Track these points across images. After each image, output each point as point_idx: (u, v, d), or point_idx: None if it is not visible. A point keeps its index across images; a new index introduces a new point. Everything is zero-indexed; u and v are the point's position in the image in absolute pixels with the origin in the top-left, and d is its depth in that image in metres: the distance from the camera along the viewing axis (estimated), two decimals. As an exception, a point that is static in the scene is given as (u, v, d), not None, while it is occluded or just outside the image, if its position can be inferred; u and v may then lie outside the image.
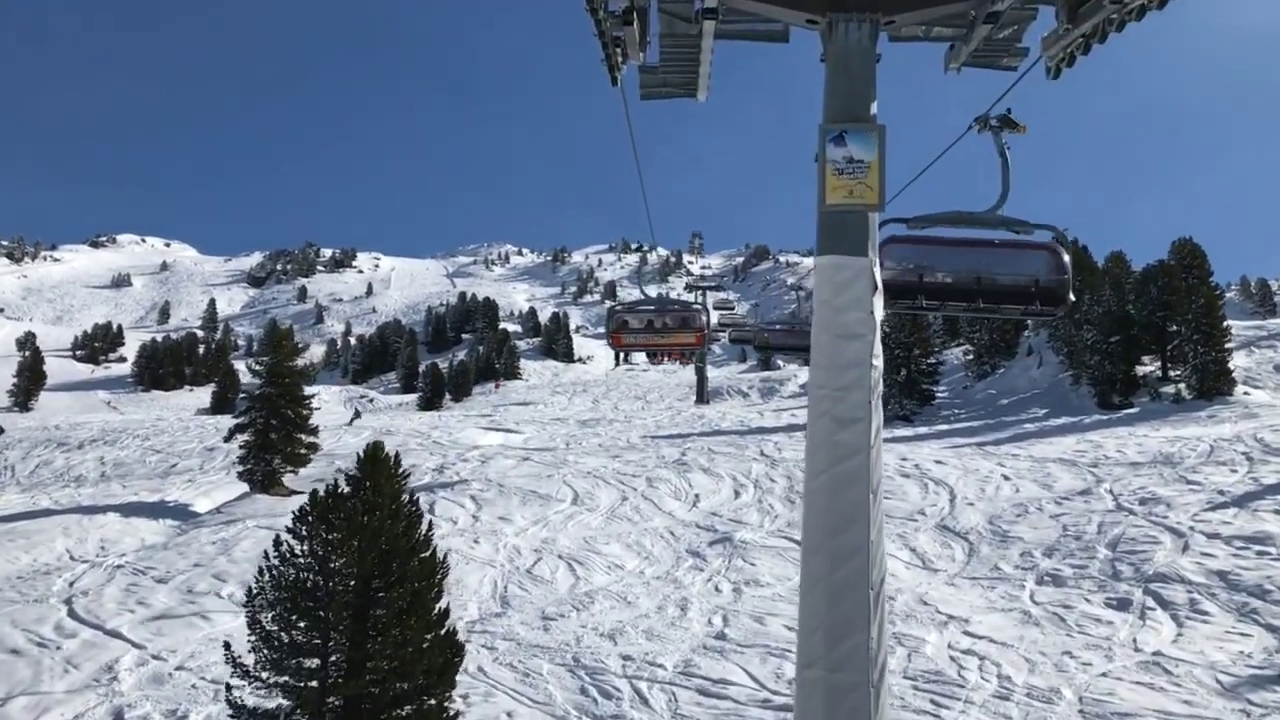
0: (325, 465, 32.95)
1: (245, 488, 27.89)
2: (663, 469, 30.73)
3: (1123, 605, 17.52)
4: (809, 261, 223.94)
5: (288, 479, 28.32)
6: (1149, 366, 42.41)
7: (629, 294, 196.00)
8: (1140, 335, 41.49)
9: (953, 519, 24.41)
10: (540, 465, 31.42)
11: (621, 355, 24.99)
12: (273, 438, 27.84)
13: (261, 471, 27.44)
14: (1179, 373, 40.52)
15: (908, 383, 45.56)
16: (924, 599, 18.83)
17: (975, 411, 45.89)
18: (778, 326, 28.29)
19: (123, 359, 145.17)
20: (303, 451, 28.42)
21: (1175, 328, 40.88)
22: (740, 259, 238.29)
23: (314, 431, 28.95)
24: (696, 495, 27.24)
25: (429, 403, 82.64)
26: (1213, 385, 38.20)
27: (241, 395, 27.56)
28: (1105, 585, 18.77)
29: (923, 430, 39.86)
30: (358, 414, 41.68)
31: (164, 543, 23.09)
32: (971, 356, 59.72)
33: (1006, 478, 28.52)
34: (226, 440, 28.86)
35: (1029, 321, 66.40)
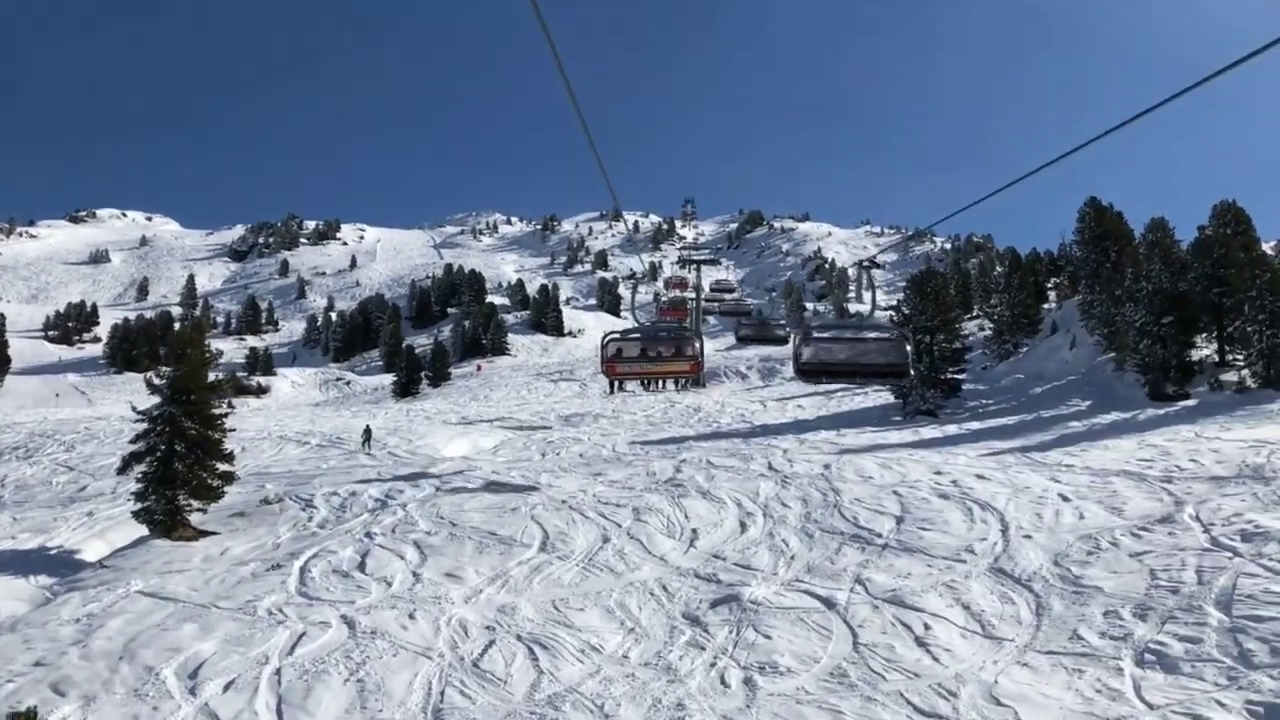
0: (252, 490, 27.95)
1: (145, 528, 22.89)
2: (653, 493, 25.78)
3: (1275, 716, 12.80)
4: (805, 227, 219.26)
5: (195, 518, 23.27)
6: (1204, 350, 37.45)
7: (620, 264, 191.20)
8: (1195, 315, 36.47)
9: (1009, 559, 19.59)
10: (507, 491, 26.42)
11: (616, 384, 20.74)
12: (177, 468, 22.77)
13: (162, 510, 22.39)
14: (1241, 357, 35.54)
15: (930, 371, 40.42)
16: (996, 695, 13.94)
17: (1005, 401, 41.01)
18: (826, 334, 15.97)
19: (97, 339, 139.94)
20: (215, 484, 23.33)
21: (1231, 304, 35.90)
22: (734, 225, 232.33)
23: (229, 458, 23.84)
24: (694, 531, 22.29)
25: (405, 389, 77.55)
26: (1283, 372, 33.29)
27: (137, 417, 22.27)
28: (1237, 675, 13.96)
29: (952, 430, 34.89)
30: (368, 434, 36.72)
31: (14, 620, 18.07)
32: (990, 333, 54.81)
33: (1065, 499, 23.78)
34: (120, 472, 23.81)
35: (1050, 297, 61.87)
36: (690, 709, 13.74)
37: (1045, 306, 59.05)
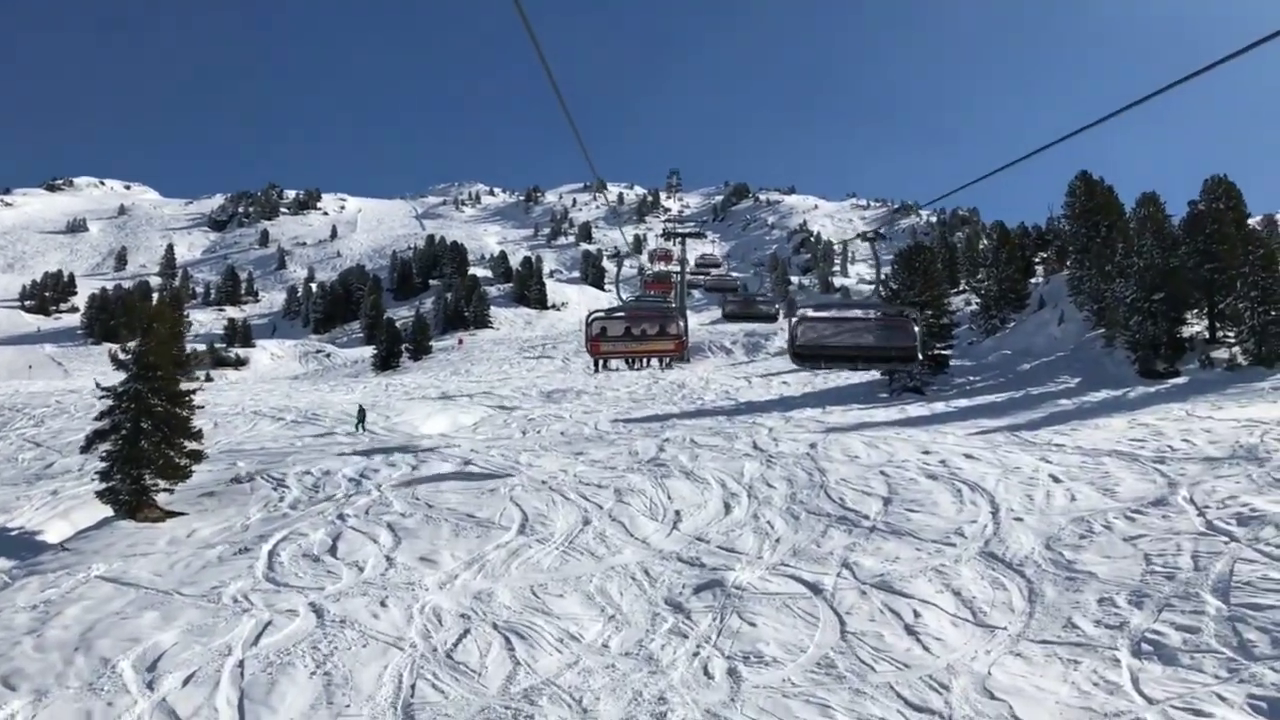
0: (223, 468, 27.19)
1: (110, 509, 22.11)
2: (636, 473, 25.15)
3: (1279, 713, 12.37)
4: (791, 199, 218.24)
5: (162, 498, 22.51)
6: (1195, 327, 36.95)
7: (605, 235, 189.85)
8: (1186, 291, 35.94)
9: (1000, 543, 19.08)
10: (485, 471, 25.75)
11: (600, 362, 20.15)
12: (143, 446, 21.97)
13: (128, 490, 21.61)
14: (1232, 334, 35.06)
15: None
16: (989, 688, 13.40)
17: (993, 377, 40.48)
18: (824, 314, 15.91)
19: (75, 309, 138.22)
20: (183, 463, 22.55)
21: (1223, 280, 35.37)
22: (719, 197, 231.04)
23: (197, 436, 23.05)
24: (677, 512, 21.67)
25: (384, 362, 76.58)
26: (1274, 350, 32.78)
27: (102, 394, 21.45)
28: (1237, 667, 13.48)
29: (940, 408, 34.31)
30: (362, 414, 35.60)
31: (-31, 606, 17.33)
32: (977, 308, 54.25)
33: (1056, 479, 23.30)
34: (84, 451, 22.97)
35: (1037, 272, 61.32)
36: (672, 702, 13.15)
37: (1032, 281, 58.53)
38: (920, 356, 12.74)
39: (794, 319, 13.43)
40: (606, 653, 14.81)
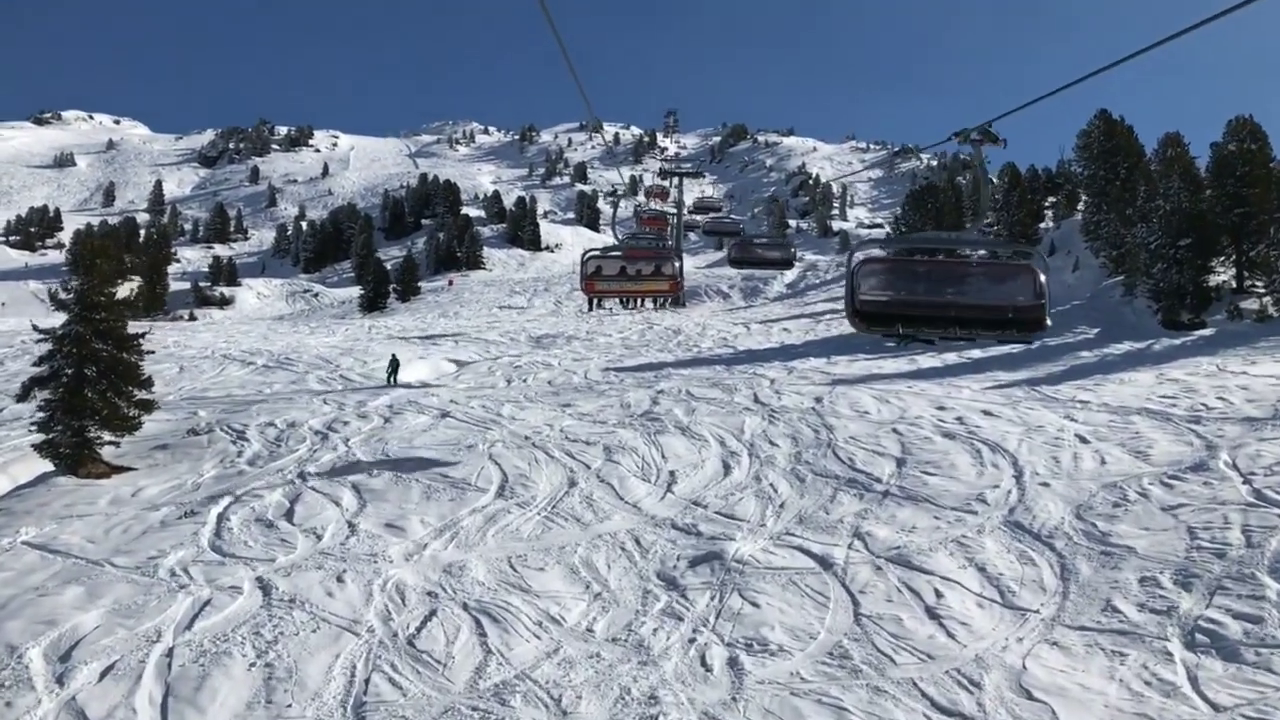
0: (183, 417, 25.21)
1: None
2: (627, 428, 23.28)
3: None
4: (789, 141, 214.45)
5: (109, 451, 20.56)
6: (1221, 275, 34.94)
7: (600, 176, 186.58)
8: (1213, 237, 33.84)
9: (1026, 511, 17.33)
10: (464, 424, 23.81)
11: (594, 301, 18.51)
12: (87, 395, 19.99)
13: (68, 443, 19.66)
14: (1261, 284, 33.06)
15: (928, 295, 37.80)
16: (1026, 685, 11.68)
17: (1005, 327, 38.52)
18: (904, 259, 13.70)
19: (61, 245, 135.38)
20: (132, 413, 20.58)
21: (1254, 225, 33.26)
22: (717, 138, 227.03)
23: (148, 384, 21.04)
24: (672, 473, 19.85)
25: (371, 303, 74.45)
26: (1307, 301, 30.86)
27: (39, 336, 19.41)
28: (1314, 662, 11.89)
29: (952, 359, 32.35)
30: (395, 365, 32.30)
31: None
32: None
33: (1083, 440, 21.54)
34: (19, 400, 20.96)
35: (1048, 216, 59.12)
36: (665, 701, 11.41)
37: (1042, 226, 56.38)
38: (1049, 323, 7.40)
39: (855, 261, 7.96)
40: (591, 639, 13.07)
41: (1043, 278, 7.81)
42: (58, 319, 21.22)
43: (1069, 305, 39.45)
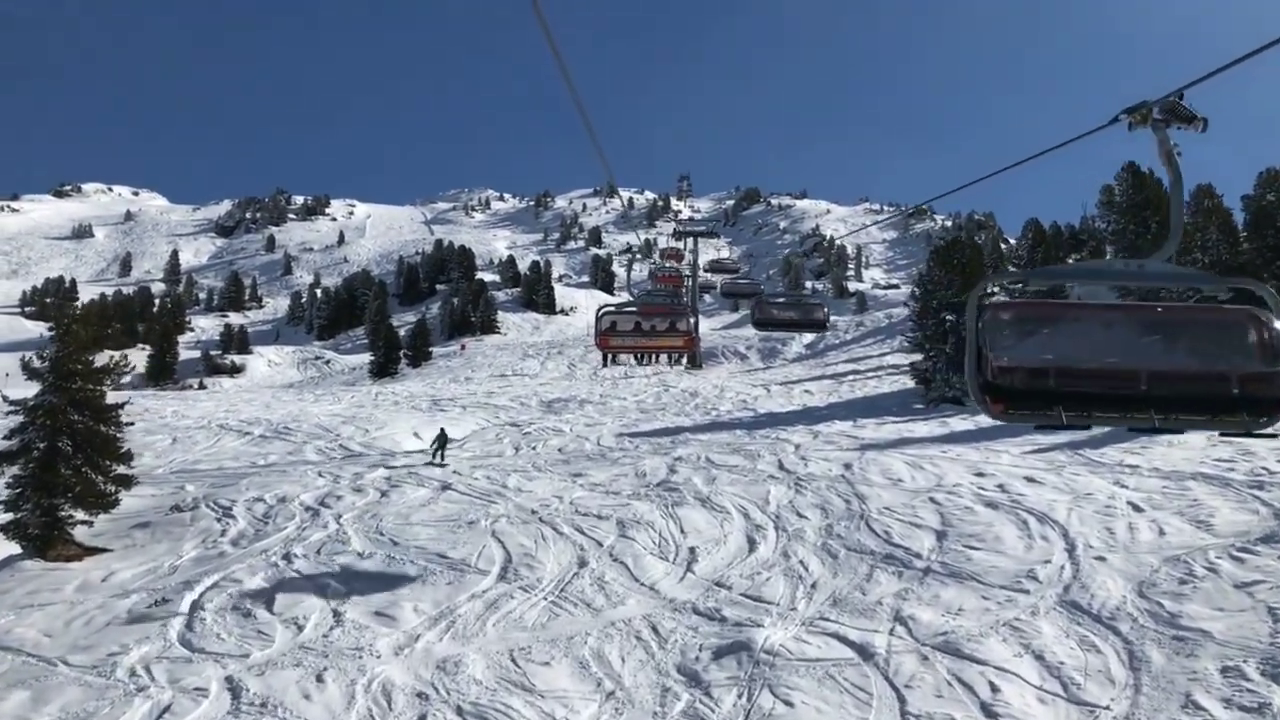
0: (170, 491, 23.67)
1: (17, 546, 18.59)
2: (643, 500, 21.61)
3: None
4: (803, 204, 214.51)
5: (84, 531, 19.02)
6: (1266, 330, 33.20)
7: (615, 239, 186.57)
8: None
9: (1082, 589, 15.48)
10: (466, 498, 22.19)
11: (609, 357, 16.95)
12: (60, 470, 18.52)
13: (37, 524, 18.14)
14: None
15: (957, 353, 36.07)
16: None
17: (1038, 387, 36.79)
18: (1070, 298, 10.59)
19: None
20: (109, 489, 19.08)
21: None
22: (730, 202, 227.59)
23: (126, 458, 19.56)
24: (692, 550, 18.12)
25: (382, 369, 73.24)
26: (1362, 356, 29.06)
27: (9, 408, 17.95)
28: None
29: (986, 421, 30.60)
30: (443, 441, 28.58)
31: None
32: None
33: (1137, 508, 19.69)
34: (-13, 476, 19.55)
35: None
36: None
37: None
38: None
39: (981, 309, 5.13)
40: (603, 753, 11.36)
41: (1271, 329, 5.00)
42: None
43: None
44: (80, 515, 18.75)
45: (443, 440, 28.47)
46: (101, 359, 19.88)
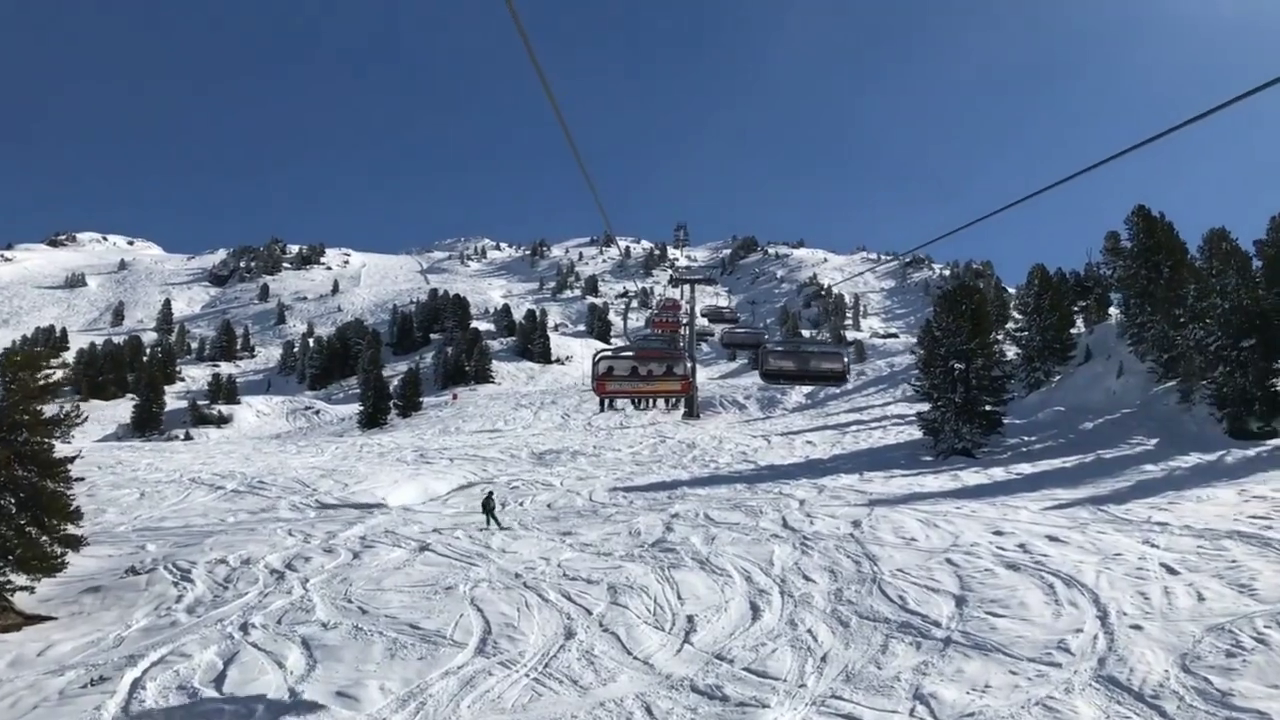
0: (129, 551, 22.03)
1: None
2: (636, 562, 20.03)
3: None
4: (800, 253, 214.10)
5: (26, 599, 17.38)
6: (1288, 379, 31.79)
7: (611, 288, 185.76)
8: (1278, 337, 30.80)
9: (1119, 662, 13.91)
10: (445, 559, 20.57)
11: (606, 402, 15.71)
12: (3, 531, 16.95)
13: (-26, 590, 16.53)
14: (1336, 388, 29.96)
15: (966, 404, 34.51)
16: None
17: (1051, 438, 35.26)
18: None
19: (66, 365, 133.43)
20: (55, 551, 17.48)
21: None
22: (727, 251, 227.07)
23: (74, 516, 17.98)
24: (690, 619, 16.51)
25: (371, 419, 71.52)
26: (1392, 405, 27.67)
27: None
28: None
29: (999, 474, 29.13)
30: (491, 505, 25.46)
31: None
32: (1017, 359, 49.12)
33: (1171, 570, 18.19)
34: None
35: (1076, 321, 56.55)
36: None
37: (1072, 330, 53.63)
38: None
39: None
40: None
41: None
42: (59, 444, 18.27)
43: (1118, 414, 36.32)
44: (21, 580, 17.11)
45: (490, 505, 25.39)
46: (51, 409, 18.30)
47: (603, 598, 17.52)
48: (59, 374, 18.35)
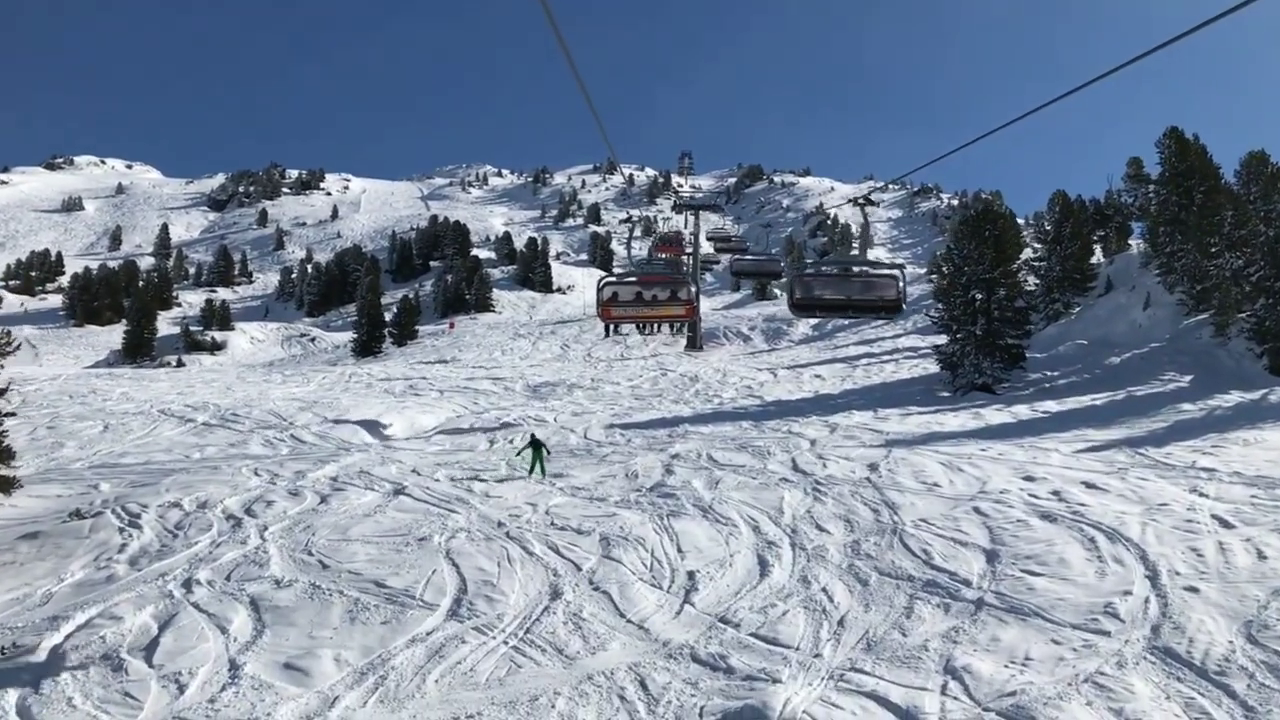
0: (81, 490, 20.23)
1: None
2: (633, 509, 18.25)
3: None
4: (806, 181, 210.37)
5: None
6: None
7: (614, 216, 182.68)
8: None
9: (1176, 630, 12.19)
10: (421, 505, 18.79)
11: (611, 327, 13.91)
12: (-77, 470, 15.16)
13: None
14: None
15: (988, 336, 32.45)
16: None
17: (1075, 373, 33.32)
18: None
19: (61, 289, 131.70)
20: (-17, 492, 15.71)
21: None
22: (732, 179, 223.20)
23: (6, 456, 16.17)
24: (691, 575, 14.76)
25: (365, 348, 69.72)
26: None
27: None
28: None
29: (1024, 412, 27.24)
30: (538, 449, 21.91)
31: None
32: (1036, 289, 47.09)
33: (1225, 523, 16.43)
34: None
35: (1097, 250, 54.40)
36: None
37: (1093, 261, 51.53)
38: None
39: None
40: None
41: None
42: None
43: (1146, 348, 34.34)
44: (-55, 526, 15.37)
45: (537, 450, 22.00)
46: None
47: (594, 551, 15.74)
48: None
